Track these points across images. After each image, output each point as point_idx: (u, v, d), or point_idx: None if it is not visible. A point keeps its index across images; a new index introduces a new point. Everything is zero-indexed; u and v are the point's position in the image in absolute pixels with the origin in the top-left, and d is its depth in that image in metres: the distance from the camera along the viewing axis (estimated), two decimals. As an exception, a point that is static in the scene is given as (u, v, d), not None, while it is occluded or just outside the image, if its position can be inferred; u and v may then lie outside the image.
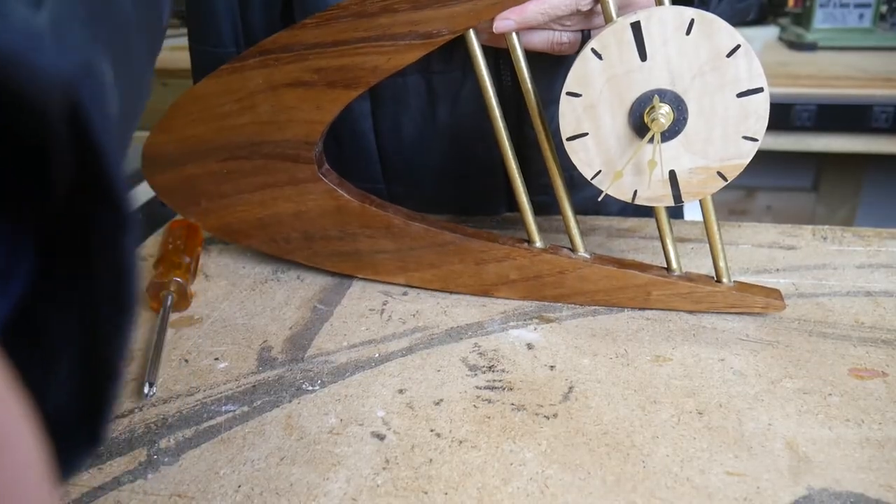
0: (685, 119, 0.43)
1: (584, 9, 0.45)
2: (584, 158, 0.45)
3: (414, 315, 0.52)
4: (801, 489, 0.36)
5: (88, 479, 0.38)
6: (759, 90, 0.42)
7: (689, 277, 0.50)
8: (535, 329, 0.49)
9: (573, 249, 0.51)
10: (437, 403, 0.43)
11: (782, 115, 1.27)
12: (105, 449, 0.40)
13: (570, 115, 0.44)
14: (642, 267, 0.50)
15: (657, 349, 0.47)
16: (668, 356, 0.46)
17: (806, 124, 1.28)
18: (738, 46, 0.41)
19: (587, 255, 0.50)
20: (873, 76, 1.34)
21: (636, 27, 0.41)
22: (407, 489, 0.36)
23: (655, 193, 0.46)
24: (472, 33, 0.46)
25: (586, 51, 0.42)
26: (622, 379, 0.44)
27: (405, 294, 0.54)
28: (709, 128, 0.43)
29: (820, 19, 1.53)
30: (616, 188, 0.46)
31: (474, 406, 0.42)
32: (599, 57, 0.42)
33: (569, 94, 0.44)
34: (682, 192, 0.45)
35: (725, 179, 0.44)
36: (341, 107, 0.49)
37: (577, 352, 0.47)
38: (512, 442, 0.39)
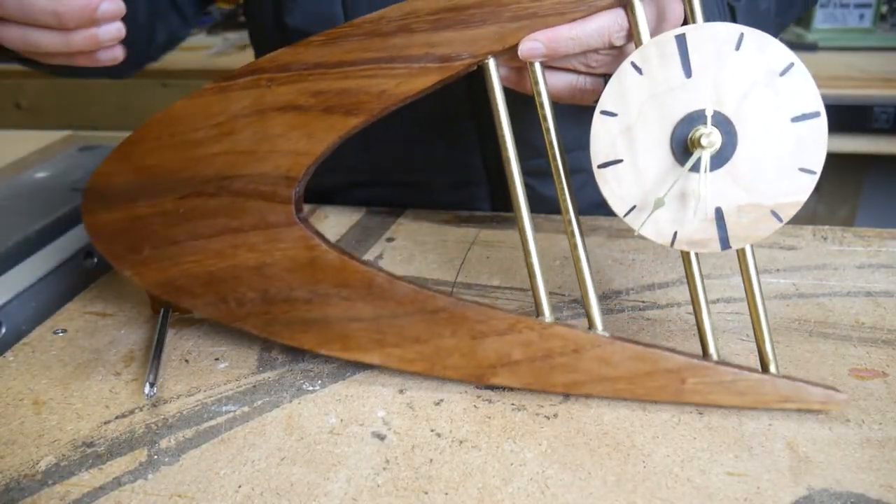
0: (734, 146, 0.38)
1: (617, 43, 0.41)
2: (617, 190, 0.40)
3: (414, 315, 0.51)
4: (801, 489, 0.36)
5: (89, 479, 0.38)
6: (816, 114, 0.38)
7: (728, 363, 0.41)
8: (536, 329, 0.49)
9: (590, 326, 0.43)
10: (438, 403, 0.43)
11: (783, 116, 1.27)
12: (105, 449, 0.40)
13: (603, 138, 0.39)
14: (671, 349, 0.42)
15: (657, 349, 0.47)
16: (668, 356, 0.46)
17: (806, 124, 1.28)
18: (791, 65, 0.37)
19: (606, 334, 0.42)
20: (874, 76, 1.34)
21: (681, 40, 0.37)
22: (407, 489, 0.36)
23: (699, 235, 0.39)
24: (492, 63, 0.41)
25: (625, 65, 0.38)
26: (622, 379, 0.44)
27: (405, 294, 0.54)
28: (761, 157, 0.38)
29: (820, 19, 1.53)
30: (653, 228, 0.40)
31: (475, 406, 0.42)
32: (640, 71, 0.38)
33: (603, 112, 0.39)
34: (729, 234, 0.39)
35: (781, 220, 0.39)
36: (336, 137, 0.42)
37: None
38: (512, 442, 0.39)
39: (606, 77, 0.42)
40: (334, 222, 0.67)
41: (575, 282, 0.55)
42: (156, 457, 0.39)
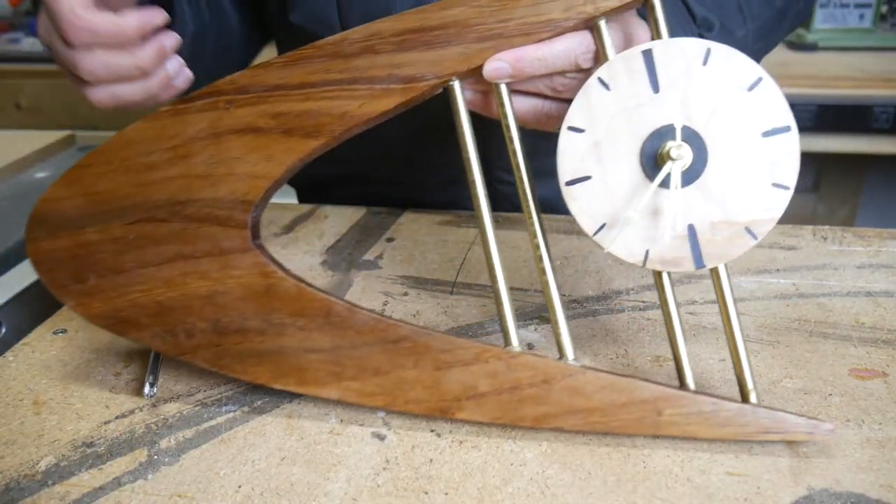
0: (705, 161, 0.37)
1: (584, 65, 0.40)
2: (586, 208, 0.39)
3: (414, 315, 0.52)
4: (801, 489, 0.36)
5: (89, 479, 0.38)
6: (787, 129, 0.37)
7: (707, 393, 0.40)
8: (536, 329, 0.49)
9: (560, 355, 0.41)
10: (438, 403, 0.43)
11: (783, 116, 1.27)
12: (105, 449, 0.40)
13: (571, 154, 0.38)
14: (647, 378, 0.40)
15: (657, 350, 0.47)
16: (668, 356, 0.46)
17: (806, 125, 1.28)
18: (760, 79, 0.37)
19: (578, 363, 0.40)
20: (874, 76, 1.34)
21: (648, 55, 0.37)
22: (407, 489, 0.36)
23: (671, 254, 0.38)
24: (457, 85, 0.41)
25: (591, 80, 0.38)
26: (622, 379, 0.44)
27: (406, 294, 0.54)
28: (733, 173, 0.37)
29: (820, 19, 1.53)
30: (623, 246, 0.39)
31: (475, 406, 0.42)
32: (607, 87, 0.38)
33: (571, 128, 0.38)
34: (703, 251, 0.38)
35: (755, 237, 0.38)
36: (296, 160, 0.41)
37: (577, 352, 0.47)
38: (512, 442, 0.39)
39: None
40: (334, 222, 0.67)
41: (575, 282, 0.55)
42: (156, 457, 0.39)
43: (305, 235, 0.64)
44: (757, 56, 0.63)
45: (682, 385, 0.40)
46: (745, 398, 0.39)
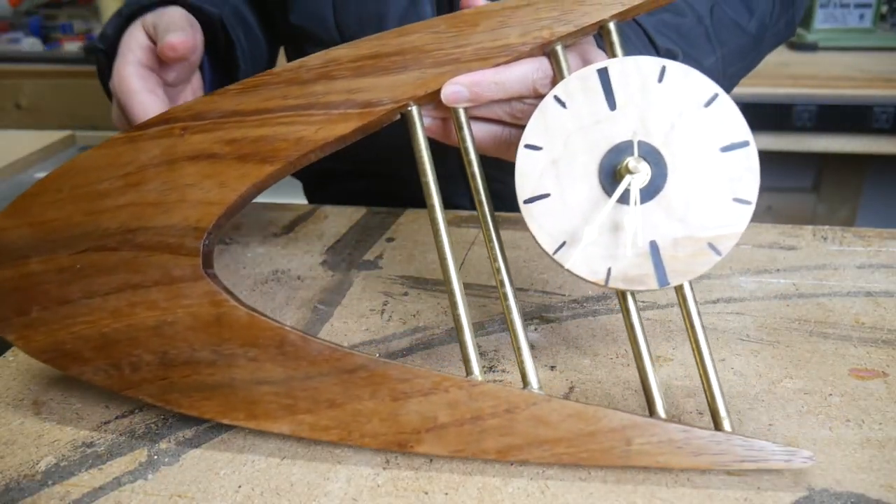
0: (664, 177, 0.37)
1: (542, 90, 0.40)
2: (545, 226, 0.38)
3: (414, 315, 0.52)
4: (801, 489, 0.36)
5: (89, 479, 0.38)
6: (746, 143, 0.37)
7: (679, 421, 0.38)
8: (536, 329, 0.49)
9: (524, 384, 0.39)
10: (438, 403, 0.43)
11: (783, 116, 1.27)
12: (105, 449, 0.40)
13: (529, 172, 0.38)
14: (615, 408, 0.39)
15: (658, 349, 0.47)
16: (668, 356, 0.46)
17: (806, 125, 1.28)
18: (716, 95, 0.37)
19: (542, 392, 0.38)
20: (874, 76, 1.34)
21: (603, 73, 0.37)
22: (407, 489, 0.36)
23: (634, 271, 0.37)
24: (415, 111, 0.41)
25: (548, 98, 0.38)
26: (622, 379, 0.44)
27: (406, 294, 0.54)
28: (693, 188, 0.37)
29: (820, 19, 1.53)
30: (584, 264, 0.38)
31: (474, 406, 0.42)
32: (563, 105, 0.38)
33: (528, 146, 0.38)
34: (666, 269, 0.37)
35: (719, 253, 0.37)
36: (249, 185, 0.40)
37: (577, 352, 0.47)
38: (512, 442, 0.39)
39: None
40: (334, 222, 0.67)
41: (575, 282, 0.55)
42: (156, 457, 0.39)
43: (305, 235, 0.64)
44: (738, 75, 0.63)
45: (652, 413, 0.38)
46: (717, 426, 0.38)
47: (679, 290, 0.38)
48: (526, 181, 0.38)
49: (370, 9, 0.62)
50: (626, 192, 0.37)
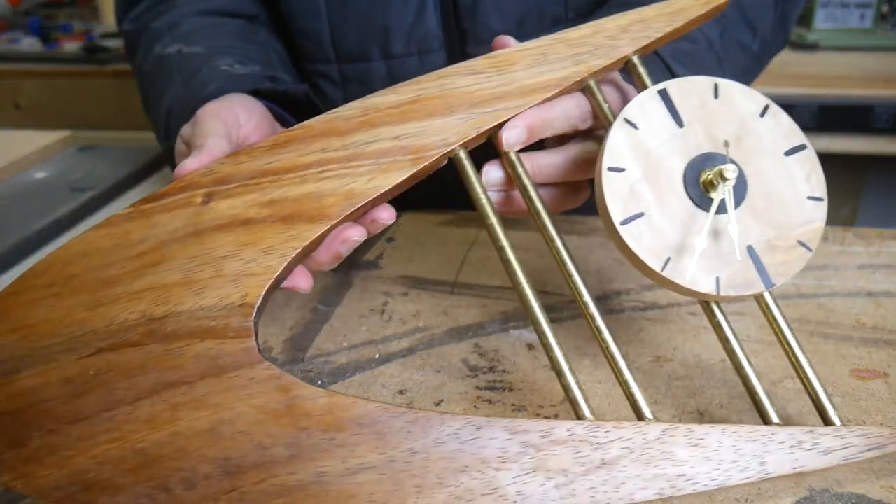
0: (745, 184, 0.38)
1: (581, 126, 0.41)
2: (647, 244, 0.37)
3: (414, 315, 0.51)
4: (802, 490, 0.35)
5: (88, 479, 0.38)
6: (804, 147, 0.40)
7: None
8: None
9: (637, 416, 0.37)
10: (438, 404, 0.43)
11: (783, 116, 1.28)
12: (105, 449, 0.40)
13: (616, 194, 0.37)
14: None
15: (658, 350, 0.47)
16: (669, 357, 0.46)
17: (807, 125, 1.28)
18: (767, 106, 0.40)
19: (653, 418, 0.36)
20: (874, 77, 1.34)
21: (664, 94, 0.39)
22: (407, 490, 0.36)
23: (741, 277, 0.38)
24: (462, 154, 0.39)
25: (619, 121, 0.38)
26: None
27: (405, 294, 0.54)
28: (772, 191, 0.39)
29: (821, 19, 1.53)
30: (695, 278, 0.37)
31: (475, 406, 0.42)
32: (635, 126, 0.38)
33: (611, 169, 0.38)
34: (768, 271, 0.38)
35: (810, 249, 0.38)
36: (300, 250, 0.36)
37: (577, 352, 0.47)
38: (512, 442, 0.39)
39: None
40: (334, 222, 0.67)
41: (575, 282, 0.54)
42: (155, 457, 0.39)
43: (305, 235, 0.64)
44: None
45: (767, 421, 0.38)
46: (827, 422, 0.38)
47: (759, 297, 0.39)
48: (616, 203, 0.37)
49: (374, 20, 0.62)
50: (719, 201, 0.38)
